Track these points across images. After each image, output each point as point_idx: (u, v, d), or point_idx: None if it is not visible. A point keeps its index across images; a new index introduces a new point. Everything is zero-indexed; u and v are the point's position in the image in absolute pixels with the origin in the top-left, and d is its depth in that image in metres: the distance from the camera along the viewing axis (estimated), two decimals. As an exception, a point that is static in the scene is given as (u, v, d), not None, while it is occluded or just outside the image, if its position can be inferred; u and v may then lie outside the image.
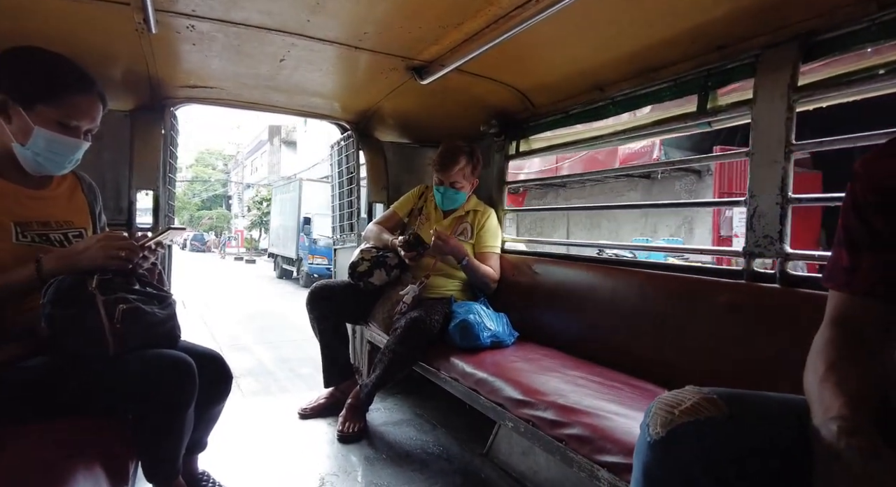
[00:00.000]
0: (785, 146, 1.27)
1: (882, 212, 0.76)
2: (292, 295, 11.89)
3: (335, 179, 3.13)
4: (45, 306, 1.09)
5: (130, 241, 1.19)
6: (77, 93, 1.20)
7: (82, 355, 1.12)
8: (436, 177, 2.31)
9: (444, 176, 2.26)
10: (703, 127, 1.58)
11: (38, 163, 1.19)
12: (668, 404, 0.78)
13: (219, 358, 1.41)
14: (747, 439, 0.74)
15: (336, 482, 1.75)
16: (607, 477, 1.11)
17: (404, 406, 2.45)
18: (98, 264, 1.15)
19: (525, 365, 1.70)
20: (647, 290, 1.68)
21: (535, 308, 2.17)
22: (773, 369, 1.27)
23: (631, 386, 1.50)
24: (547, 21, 1.36)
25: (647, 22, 1.44)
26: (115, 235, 1.18)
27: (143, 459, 1.22)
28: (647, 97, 1.72)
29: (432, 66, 1.85)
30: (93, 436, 1.05)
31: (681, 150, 7.59)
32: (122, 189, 2.21)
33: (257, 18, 1.55)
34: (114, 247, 1.16)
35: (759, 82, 1.34)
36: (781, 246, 1.30)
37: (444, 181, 2.27)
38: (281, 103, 2.45)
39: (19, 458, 0.91)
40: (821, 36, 1.23)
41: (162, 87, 2.14)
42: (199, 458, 1.57)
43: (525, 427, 1.39)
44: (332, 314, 2.34)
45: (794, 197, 1.29)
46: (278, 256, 16.75)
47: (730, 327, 1.41)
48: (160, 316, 1.26)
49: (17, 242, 1.16)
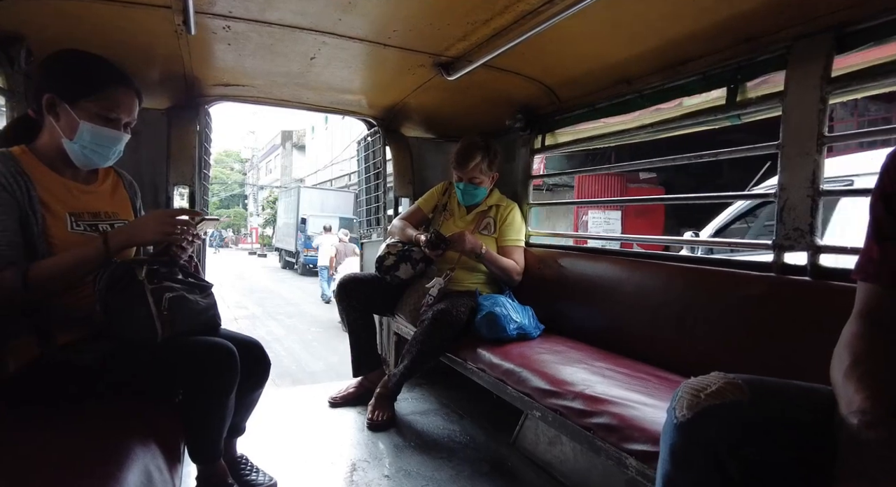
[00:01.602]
0: (817, 138, 1.27)
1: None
2: (289, 280, 15.59)
3: (362, 175, 3.18)
4: (99, 292, 1.18)
5: (181, 217, 1.27)
6: (114, 87, 1.28)
7: (134, 340, 1.20)
8: (455, 174, 2.34)
9: (462, 172, 2.29)
10: (732, 120, 1.57)
11: (85, 155, 1.27)
12: (694, 388, 0.80)
13: (258, 345, 1.47)
14: (770, 423, 0.76)
15: (367, 468, 1.80)
16: (635, 465, 1.13)
17: (431, 397, 2.50)
18: (154, 238, 1.24)
19: (551, 357, 1.72)
20: (673, 283, 1.69)
21: (560, 301, 2.19)
22: (802, 362, 1.27)
23: (657, 378, 1.51)
24: (575, 16, 1.37)
25: (675, 16, 1.44)
26: (171, 212, 1.28)
27: (188, 440, 1.29)
28: (675, 90, 1.71)
29: (459, 62, 1.88)
30: (146, 418, 1.12)
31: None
32: (160, 185, 2.30)
33: (291, 18, 1.60)
34: (171, 224, 1.24)
35: (791, 74, 1.33)
36: (812, 238, 1.30)
37: (462, 177, 2.31)
38: (310, 100, 2.51)
39: (83, 437, 0.98)
40: (854, 26, 1.22)
41: (197, 86, 2.21)
42: (238, 442, 1.64)
43: (553, 416, 1.42)
44: (360, 306, 2.40)
45: (826, 189, 1.28)
46: (282, 250, 20.09)
47: (759, 320, 1.41)
48: (203, 304, 1.33)
49: (72, 230, 1.25)
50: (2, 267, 1.10)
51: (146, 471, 0.92)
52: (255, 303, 10.71)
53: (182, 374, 1.21)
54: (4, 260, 1.10)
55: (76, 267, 1.17)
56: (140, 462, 0.93)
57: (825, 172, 1.29)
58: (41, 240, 1.18)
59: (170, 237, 1.25)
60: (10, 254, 1.11)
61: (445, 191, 2.54)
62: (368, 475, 1.76)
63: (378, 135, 2.86)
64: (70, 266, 1.16)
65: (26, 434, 0.99)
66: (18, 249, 1.13)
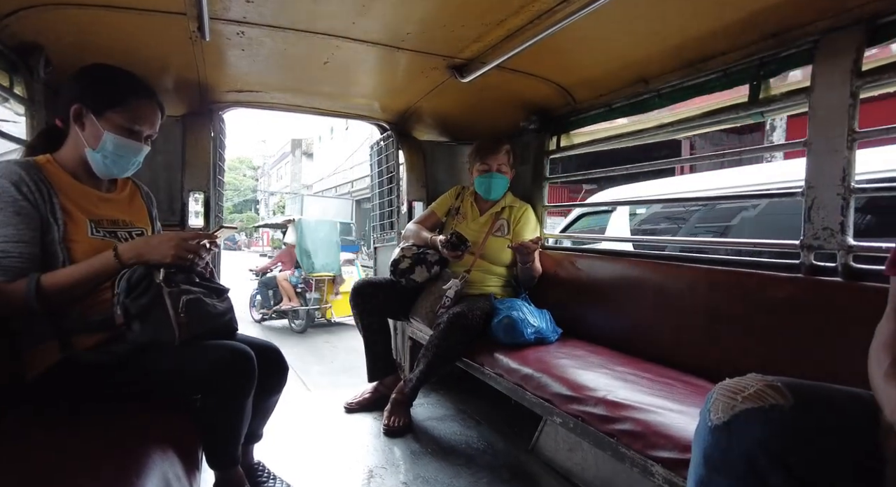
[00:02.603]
0: (848, 134, 1.22)
1: None
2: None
3: (375, 179, 3.18)
4: (117, 296, 1.19)
5: (201, 244, 1.28)
6: (139, 99, 1.33)
7: (152, 342, 1.19)
8: (480, 166, 2.35)
9: (493, 161, 2.32)
10: (755, 117, 1.53)
11: (105, 165, 1.31)
12: (730, 390, 0.77)
13: (275, 350, 1.47)
14: (814, 429, 0.73)
15: (384, 474, 1.78)
16: (662, 473, 1.09)
17: (447, 402, 2.47)
18: (167, 261, 1.23)
19: (571, 362, 1.69)
20: (697, 285, 1.64)
21: (578, 304, 2.16)
22: (835, 366, 1.23)
23: (683, 383, 1.47)
24: (590, 16, 1.35)
25: (694, 13, 1.41)
26: (188, 235, 1.27)
27: (206, 446, 1.29)
28: (695, 88, 1.68)
29: (473, 64, 1.86)
30: (164, 424, 1.11)
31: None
32: (175, 191, 2.32)
33: (305, 22, 1.59)
34: (185, 249, 1.25)
35: (818, 69, 1.29)
36: (844, 238, 1.25)
37: (490, 167, 2.32)
38: (323, 105, 2.52)
39: (103, 441, 0.97)
40: (886, 18, 1.18)
41: (211, 92, 2.23)
42: (255, 448, 1.63)
43: (574, 422, 1.39)
44: (374, 310, 2.38)
45: (858, 187, 1.24)
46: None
47: (787, 323, 1.36)
48: (220, 309, 1.34)
49: (92, 236, 1.27)
50: (17, 278, 1.11)
51: (164, 478, 0.91)
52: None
53: (199, 378, 1.21)
54: (20, 272, 1.12)
55: (88, 279, 1.18)
56: (158, 469, 0.91)
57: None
58: (62, 247, 1.20)
59: (182, 261, 1.25)
60: (26, 267, 1.13)
61: (458, 195, 2.54)
62: (386, 482, 1.74)
63: (391, 140, 2.86)
64: (82, 278, 1.17)
65: (46, 437, 0.99)
66: (35, 262, 1.15)
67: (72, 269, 1.17)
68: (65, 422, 1.06)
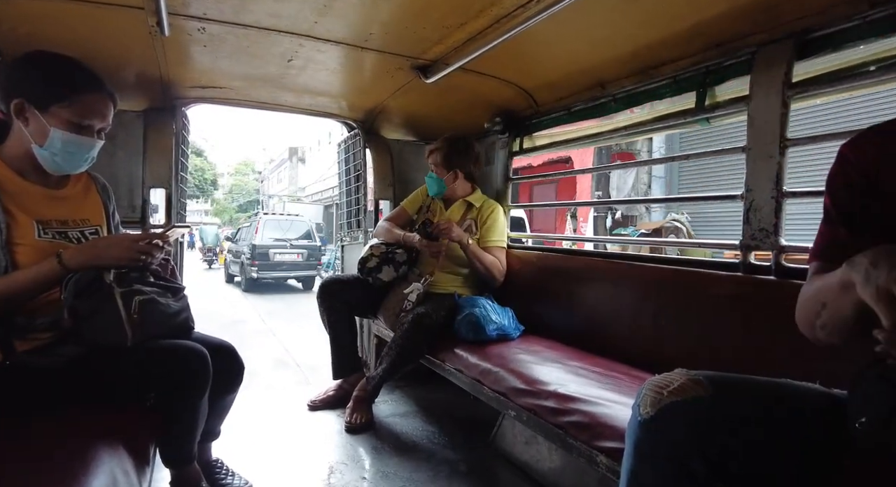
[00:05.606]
0: (780, 141, 1.30)
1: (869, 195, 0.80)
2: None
3: (342, 177, 3.18)
4: (66, 299, 1.14)
5: (154, 244, 1.24)
6: (88, 93, 1.24)
7: (103, 344, 1.17)
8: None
9: (429, 160, 2.44)
10: (702, 123, 1.61)
11: (55, 162, 1.24)
12: (657, 385, 0.82)
13: (231, 348, 1.46)
14: (737, 419, 0.78)
15: (344, 470, 1.80)
16: (605, 462, 1.14)
17: (410, 399, 2.50)
18: (121, 264, 1.20)
19: (528, 357, 1.73)
20: (646, 283, 1.72)
21: (539, 302, 2.21)
22: (769, 358, 1.30)
23: (630, 376, 1.53)
24: (548, 20, 1.39)
25: (645, 22, 1.48)
26: (140, 236, 1.23)
27: (160, 444, 1.28)
28: (648, 94, 1.75)
29: (437, 65, 1.89)
30: (115, 422, 1.10)
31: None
32: (136, 187, 2.27)
33: (266, 20, 1.59)
34: (137, 250, 1.21)
35: (755, 79, 1.37)
36: (777, 238, 1.33)
37: (430, 166, 2.44)
38: (289, 102, 2.51)
39: (48, 442, 0.97)
40: (814, 33, 1.26)
41: (173, 88, 2.20)
42: (213, 446, 1.63)
43: (527, 415, 1.43)
44: (341, 307, 2.38)
45: (789, 191, 1.32)
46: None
47: (727, 318, 1.44)
48: (175, 308, 1.32)
49: (39, 239, 1.20)
50: None
51: (111, 474, 0.91)
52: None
53: (153, 378, 1.20)
54: None
55: (27, 289, 1.12)
56: (105, 465, 0.92)
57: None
58: (5, 251, 1.13)
59: (135, 263, 1.22)
60: None
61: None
62: (346, 477, 1.75)
63: (358, 138, 2.86)
64: (20, 288, 1.11)
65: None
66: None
67: (10, 278, 1.11)
68: (10, 425, 1.02)
